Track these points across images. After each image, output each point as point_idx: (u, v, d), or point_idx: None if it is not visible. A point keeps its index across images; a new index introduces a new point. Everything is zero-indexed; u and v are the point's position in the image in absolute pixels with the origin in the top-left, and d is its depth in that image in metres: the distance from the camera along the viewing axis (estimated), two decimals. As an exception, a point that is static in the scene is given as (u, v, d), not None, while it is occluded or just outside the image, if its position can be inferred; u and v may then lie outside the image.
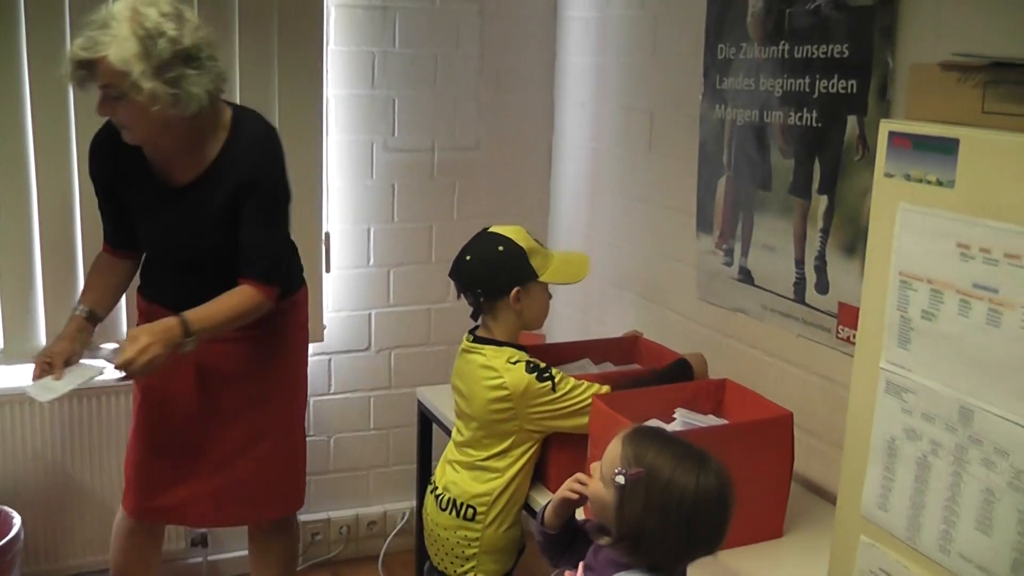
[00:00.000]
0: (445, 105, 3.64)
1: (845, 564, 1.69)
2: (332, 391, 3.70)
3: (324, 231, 3.52)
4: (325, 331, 3.59)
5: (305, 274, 3.03)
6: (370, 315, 3.70)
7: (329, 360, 3.67)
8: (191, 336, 2.42)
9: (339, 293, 3.63)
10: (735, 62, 2.73)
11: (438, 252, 3.68)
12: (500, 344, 2.47)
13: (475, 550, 2.49)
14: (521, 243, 2.48)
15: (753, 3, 2.64)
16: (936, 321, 1.47)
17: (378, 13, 3.48)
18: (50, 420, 3.28)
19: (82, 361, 2.57)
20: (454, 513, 2.51)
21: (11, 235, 3.14)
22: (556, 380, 2.39)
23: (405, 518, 3.82)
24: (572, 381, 2.41)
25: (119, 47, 2.26)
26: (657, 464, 1.65)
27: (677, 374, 2.55)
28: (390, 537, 3.81)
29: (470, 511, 2.48)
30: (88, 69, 2.32)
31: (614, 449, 1.72)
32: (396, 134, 3.59)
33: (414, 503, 3.37)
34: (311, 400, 3.66)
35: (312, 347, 3.57)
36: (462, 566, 2.51)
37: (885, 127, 1.53)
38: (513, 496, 2.47)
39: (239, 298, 2.54)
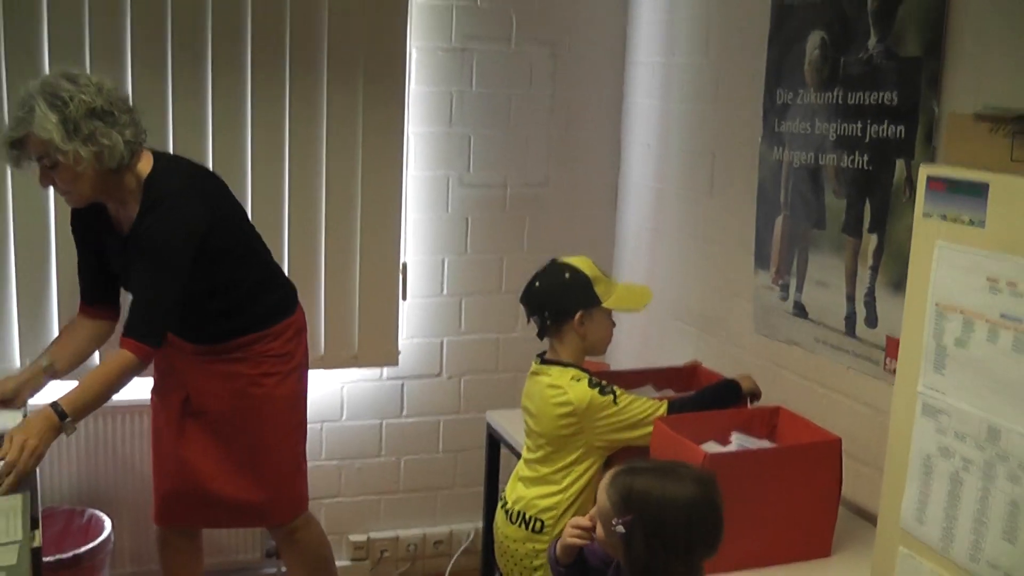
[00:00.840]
0: (517, 143, 3.84)
1: (886, 574, 1.83)
2: (404, 414, 3.89)
3: (402, 261, 3.72)
4: (400, 356, 3.78)
5: (384, 300, 3.23)
6: (442, 342, 3.89)
7: (402, 384, 3.86)
8: (67, 419, 2.55)
9: (413, 320, 3.83)
10: (792, 107, 2.89)
11: (508, 283, 3.86)
12: (565, 365, 2.64)
13: (542, 561, 2.64)
14: (586, 271, 2.64)
15: (810, 51, 2.80)
16: (968, 348, 1.61)
17: (456, 55, 3.70)
18: (139, 430, 3.48)
19: None
20: (523, 526, 2.66)
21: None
22: (617, 394, 2.55)
23: (470, 538, 3.98)
24: (632, 396, 2.57)
25: (40, 120, 2.51)
26: (641, 497, 1.82)
27: (726, 392, 2.70)
28: (455, 556, 3.97)
29: (538, 524, 2.64)
30: (20, 148, 2.57)
31: (603, 499, 1.90)
32: (471, 170, 3.79)
33: (480, 524, 3.52)
34: (383, 422, 3.87)
35: (386, 371, 3.81)
36: (531, 574, 2.67)
37: (924, 171, 1.68)
38: (579, 510, 2.61)
39: (108, 365, 2.66)
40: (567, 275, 2.64)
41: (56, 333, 3.29)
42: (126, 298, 2.84)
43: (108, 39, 3.24)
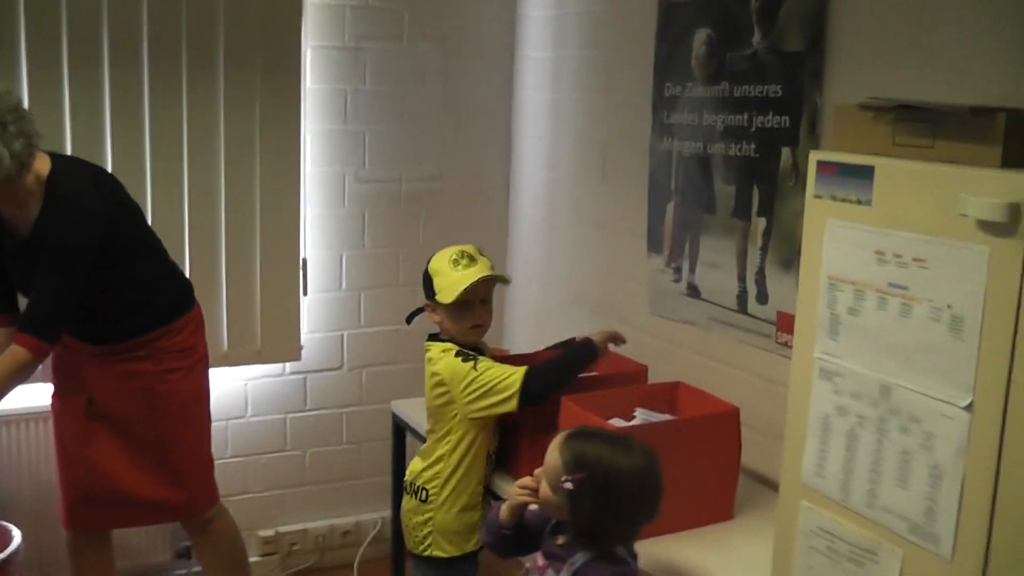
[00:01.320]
0: (411, 138, 3.93)
1: (789, 527, 1.99)
2: (308, 407, 3.94)
3: (302, 257, 3.77)
4: (302, 351, 3.83)
5: (285, 296, 3.27)
6: (343, 336, 3.95)
7: (305, 378, 3.91)
8: None
9: (314, 315, 3.88)
10: (680, 99, 3.05)
11: (405, 276, 3.94)
12: (442, 340, 2.78)
13: (430, 529, 2.78)
14: (433, 264, 2.77)
15: (697, 47, 2.96)
16: (859, 315, 1.78)
17: (350, 53, 3.76)
18: (39, 437, 3.45)
19: None
20: (413, 496, 2.81)
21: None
22: (478, 362, 2.66)
23: (378, 527, 4.06)
24: (492, 364, 2.68)
25: None
26: (594, 461, 1.96)
27: (583, 351, 2.74)
28: (364, 545, 4.05)
29: (423, 493, 2.78)
30: None
31: (553, 458, 2.02)
32: (367, 166, 3.86)
33: (388, 512, 3.60)
34: (287, 417, 3.92)
35: (289, 366, 3.85)
36: (421, 544, 2.80)
37: (814, 157, 1.84)
38: (461, 481, 2.75)
39: (3, 362, 2.69)
40: (426, 267, 2.80)
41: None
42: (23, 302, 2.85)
43: (1, 36, 3.21)
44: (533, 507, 2.17)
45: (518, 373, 2.61)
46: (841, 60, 2.50)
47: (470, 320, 2.74)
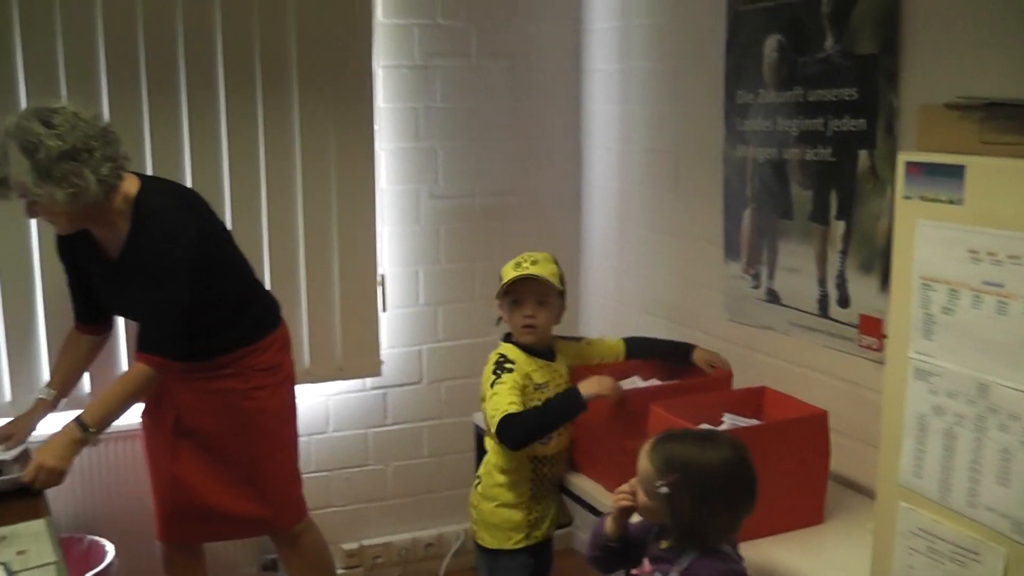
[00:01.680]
0: (482, 154, 3.98)
1: (887, 529, 1.99)
2: (388, 422, 4.00)
3: (380, 274, 3.83)
4: (382, 366, 3.89)
5: (364, 313, 3.36)
6: (421, 350, 4.01)
7: (385, 393, 3.97)
8: (90, 431, 2.72)
9: (393, 330, 3.94)
10: (753, 106, 3.06)
11: (481, 289, 3.98)
12: (509, 339, 2.95)
13: (475, 516, 3.01)
14: (505, 267, 2.92)
15: (768, 54, 2.98)
16: (954, 315, 1.79)
17: (420, 72, 3.83)
18: (132, 453, 3.51)
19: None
20: (476, 481, 3.04)
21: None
22: (498, 382, 2.80)
23: (460, 539, 4.10)
24: (504, 390, 2.78)
25: (14, 165, 2.61)
26: (685, 461, 2.00)
27: (567, 401, 2.76)
28: (447, 558, 4.09)
29: (478, 480, 3.02)
30: (4, 185, 2.67)
31: (644, 464, 2.06)
32: (440, 182, 3.92)
33: (469, 524, 3.63)
34: (369, 432, 3.98)
35: (369, 381, 3.92)
36: (472, 528, 3.06)
37: (902, 158, 1.86)
38: (504, 478, 2.91)
39: (126, 378, 2.84)
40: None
41: (45, 363, 3.38)
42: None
43: (82, 63, 3.30)
44: (635, 519, 2.20)
45: (499, 416, 2.72)
46: (916, 61, 2.50)
47: (520, 319, 2.88)
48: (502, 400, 2.75)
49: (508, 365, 2.85)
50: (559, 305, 2.94)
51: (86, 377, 3.34)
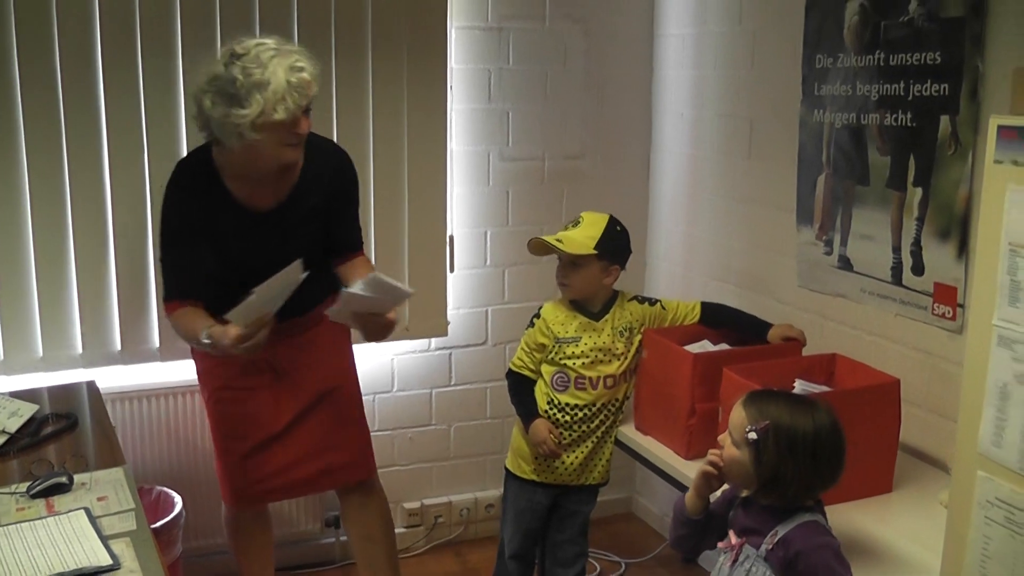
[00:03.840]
0: (554, 117, 3.97)
1: (964, 499, 1.97)
2: (453, 382, 4.03)
3: (449, 234, 3.86)
4: (448, 327, 3.92)
5: (433, 273, 3.51)
6: (487, 311, 4.03)
7: (450, 354, 4.00)
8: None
9: (460, 291, 3.97)
10: (832, 71, 3.02)
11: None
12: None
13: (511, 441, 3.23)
14: None
15: (849, 17, 2.93)
16: (1042, 282, 1.76)
17: (494, 34, 3.82)
18: (193, 409, 3.61)
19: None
20: None
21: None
22: (531, 326, 3.09)
23: (521, 499, 4.12)
24: (521, 343, 3.11)
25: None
26: (778, 414, 2.00)
27: (526, 411, 3.11)
28: (507, 517, 4.12)
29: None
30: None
31: (738, 414, 2.05)
32: (510, 144, 3.92)
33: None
34: (432, 391, 4.02)
35: (435, 341, 3.96)
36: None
37: (995, 122, 1.82)
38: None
39: (370, 265, 3.02)
40: None
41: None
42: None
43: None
44: (717, 494, 2.20)
45: (512, 366, 3.13)
46: (1005, 25, 2.45)
47: (558, 277, 3.03)
48: (518, 352, 3.12)
49: (535, 319, 3.08)
50: (600, 267, 2.96)
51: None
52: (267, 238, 2.85)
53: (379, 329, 2.80)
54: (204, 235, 2.81)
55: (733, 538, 2.10)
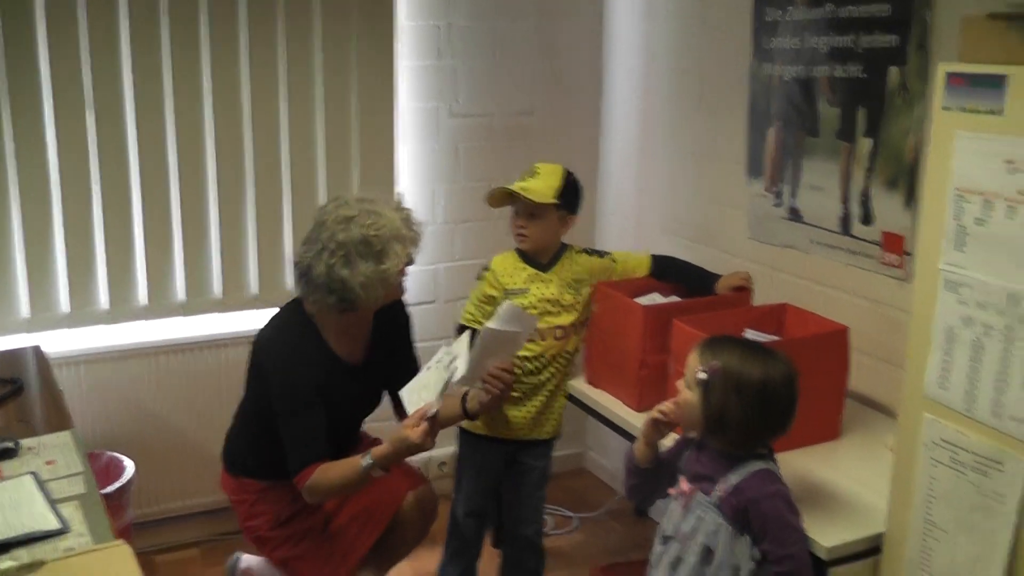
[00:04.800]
0: (503, 74, 3.95)
1: (911, 440, 2.01)
2: (407, 339, 4.01)
3: (397, 191, 3.83)
4: (399, 284, 3.89)
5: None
6: (437, 269, 4.01)
7: (402, 311, 3.98)
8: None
9: (410, 249, 3.93)
10: (782, 24, 3.04)
11: (500, 210, 3.95)
12: None
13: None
14: None
15: (798, -31, 2.95)
16: (987, 226, 1.79)
17: (443, -12, 3.79)
18: (156, 374, 3.58)
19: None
20: None
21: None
22: (481, 279, 3.07)
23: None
24: (470, 297, 3.10)
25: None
26: (729, 358, 2.04)
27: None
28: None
29: None
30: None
31: (692, 358, 2.09)
32: (460, 101, 3.89)
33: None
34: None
35: (385, 300, 3.91)
36: None
37: (943, 68, 1.85)
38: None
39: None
40: None
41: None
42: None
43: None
44: (666, 442, 2.22)
45: (462, 320, 3.09)
46: (951, -24, 2.48)
47: (514, 227, 3.01)
48: (467, 305, 3.10)
49: (484, 272, 3.07)
50: (559, 217, 2.97)
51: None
52: (363, 390, 2.91)
53: (505, 383, 2.76)
54: (322, 395, 2.72)
55: (684, 484, 2.13)
